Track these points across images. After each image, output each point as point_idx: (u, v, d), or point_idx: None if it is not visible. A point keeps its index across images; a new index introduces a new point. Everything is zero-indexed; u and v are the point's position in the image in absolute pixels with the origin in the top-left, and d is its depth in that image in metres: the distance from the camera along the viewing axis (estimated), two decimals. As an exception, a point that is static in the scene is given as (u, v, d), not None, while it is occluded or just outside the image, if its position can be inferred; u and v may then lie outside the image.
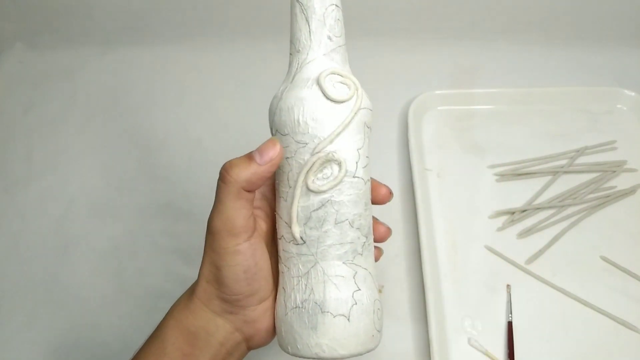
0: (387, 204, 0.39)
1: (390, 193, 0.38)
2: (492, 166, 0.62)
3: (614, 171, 0.61)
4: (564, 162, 0.62)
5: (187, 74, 0.74)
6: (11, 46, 0.77)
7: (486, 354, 0.49)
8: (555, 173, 0.61)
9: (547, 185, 0.60)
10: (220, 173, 0.32)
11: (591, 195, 0.59)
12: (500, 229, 0.57)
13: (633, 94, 0.67)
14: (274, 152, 0.32)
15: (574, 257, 0.55)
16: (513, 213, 0.58)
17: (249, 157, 0.32)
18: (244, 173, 0.32)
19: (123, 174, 0.65)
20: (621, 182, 0.60)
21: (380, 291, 0.55)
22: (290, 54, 0.34)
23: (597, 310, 0.52)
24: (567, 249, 0.56)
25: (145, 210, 0.61)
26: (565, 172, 0.61)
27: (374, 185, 0.37)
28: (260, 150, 0.32)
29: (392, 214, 0.59)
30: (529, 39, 0.73)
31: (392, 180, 0.62)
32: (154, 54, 0.75)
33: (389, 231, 0.39)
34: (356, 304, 0.33)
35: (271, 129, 0.34)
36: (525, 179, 0.61)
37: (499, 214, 0.58)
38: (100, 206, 0.62)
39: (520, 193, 0.60)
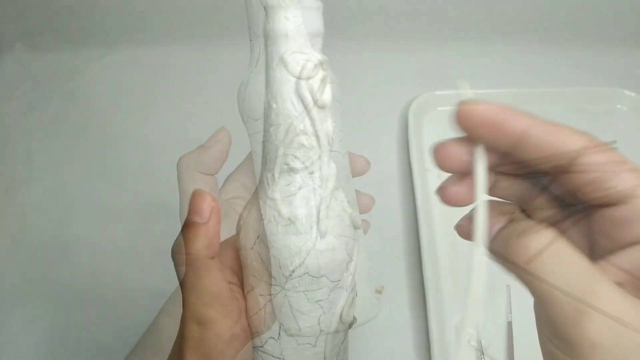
0: (387, 203, 0.39)
1: (368, 162, 0.39)
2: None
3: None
4: (564, 162, 0.62)
5: (187, 74, 0.74)
6: (11, 46, 0.77)
7: (486, 354, 0.49)
8: (555, 173, 0.61)
9: (547, 186, 0.60)
10: (173, 258, 0.28)
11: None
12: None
13: (633, 94, 0.67)
14: (205, 202, 0.27)
15: (574, 257, 0.55)
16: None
17: (189, 225, 0.27)
18: (199, 242, 0.27)
19: (123, 174, 0.65)
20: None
21: (380, 291, 0.55)
22: (251, 39, 0.34)
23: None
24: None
25: (145, 211, 0.61)
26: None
27: (352, 157, 0.38)
28: (193, 209, 0.27)
29: (392, 214, 0.59)
30: (528, 39, 0.73)
31: (392, 180, 0.62)
32: (154, 54, 0.75)
33: (372, 201, 0.40)
34: (352, 274, 0.33)
35: (242, 117, 0.34)
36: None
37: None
38: (100, 206, 0.62)
39: (520, 193, 0.60)
